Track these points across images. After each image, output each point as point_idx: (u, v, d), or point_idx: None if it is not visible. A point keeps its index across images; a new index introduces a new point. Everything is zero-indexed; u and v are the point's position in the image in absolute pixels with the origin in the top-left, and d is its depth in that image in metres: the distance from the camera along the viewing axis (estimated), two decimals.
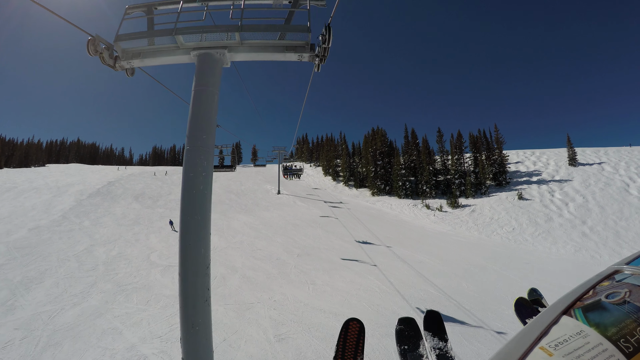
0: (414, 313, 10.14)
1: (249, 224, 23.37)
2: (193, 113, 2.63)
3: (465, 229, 29.31)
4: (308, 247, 17.74)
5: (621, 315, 0.64)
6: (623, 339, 0.58)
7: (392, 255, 18.23)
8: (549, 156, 54.98)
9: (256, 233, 20.51)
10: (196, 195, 2.59)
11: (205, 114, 2.66)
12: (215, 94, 2.71)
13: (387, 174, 40.90)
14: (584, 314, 0.68)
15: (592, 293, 0.75)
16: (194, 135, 2.59)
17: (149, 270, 12.78)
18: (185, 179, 2.66)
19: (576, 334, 0.62)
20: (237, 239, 18.69)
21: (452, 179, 39.13)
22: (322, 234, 21.64)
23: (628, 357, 0.54)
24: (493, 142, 43.35)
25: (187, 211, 2.61)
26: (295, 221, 25.35)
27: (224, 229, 21.24)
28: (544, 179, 44.33)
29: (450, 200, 33.80)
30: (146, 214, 25.91)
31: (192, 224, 2.60)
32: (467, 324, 9.87)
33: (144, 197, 33.17)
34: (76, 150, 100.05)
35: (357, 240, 20.76)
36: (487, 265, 19.09)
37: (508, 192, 38.84)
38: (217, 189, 40.35)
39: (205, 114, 2.66)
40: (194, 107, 2.63)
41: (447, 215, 32.05)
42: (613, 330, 0.60)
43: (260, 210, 29.74)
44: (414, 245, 22.26)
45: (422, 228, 28.17)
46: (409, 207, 33.91)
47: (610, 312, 0.66)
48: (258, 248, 16.75)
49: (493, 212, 32.82)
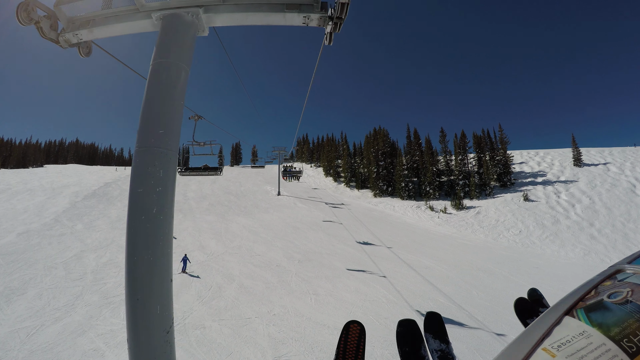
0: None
1: (248, 227, 22.57)
2: (148, 98, 1.80)
3: (471, 232, 28.51)
4: (309, 252, 16.93)
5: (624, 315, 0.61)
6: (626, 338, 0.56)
7: (398, 260, 17.42)
8: (553, 156, 54.26)
9: (255, 237, 19.71)
10: (147, 223, 1.72)
11: (167, 99, 1.80)
12: (183, 71, 1.86)
13: (389, 174, 40.04)
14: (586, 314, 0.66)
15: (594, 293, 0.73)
16: (148, 130, 1.75)
17: None
18: (132, 197, 1.77)
19: (579, 335, 0.60)
20: (236, 243, 17.88)
21: (456, 180, 38.29)
22: (323, 237, 20.84)
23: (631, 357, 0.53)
24: (497, 142, 42.54)
25: (134, 250, 1.72)
26: (295, 224, 24.55)
27: (222, 233, 20.44)
28: (549, 179, 43.60)
29: (455, 201, 32.99)
30: None
31: (142, 269, 1.71)
32: (481, 337, 9.07)
33: None
34: (75, 150, 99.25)
35: (360, 244, 19.96)
36: (495, 271, 18.31)
37: (513, 194, 38.04)
38: (216, 190, 39.57)
39: (167, 99, 1.80)
40: (150, 88, 1.81)
41: (452, 217, 31.24)
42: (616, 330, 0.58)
43: (260, 212, 28.94)
44: (419, 249, 21.46)
45: (426, 231, 27.37)
46: (412, 208, 33.09)
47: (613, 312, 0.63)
48: (257, 253, 15.94)
49: (499, 214, 32.01)
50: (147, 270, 1.72)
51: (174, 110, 1.83)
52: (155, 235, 1.75)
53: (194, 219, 25.04)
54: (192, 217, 25.50)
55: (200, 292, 10.86)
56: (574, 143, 50.90)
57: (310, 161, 77.17)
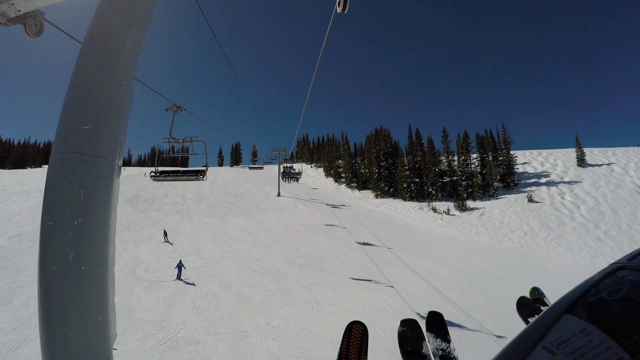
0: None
1: (247, 230, 22.01)
2: (76, 77, 1.22)
3: (475, 234, 27.94)
4: (310, 257, 16.37)
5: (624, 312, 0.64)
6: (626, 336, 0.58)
7: (402, 264, 16.86)
8: (556, 157, 53.73)
9: (254, 240, 19.15)
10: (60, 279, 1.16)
11: (103, 78, 1.21)
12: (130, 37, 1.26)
13: (391, 175, 39.40)
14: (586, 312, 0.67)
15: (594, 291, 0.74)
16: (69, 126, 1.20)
17: (131, 287, 11.40)
18: (43, 235, 1.26)
19: (579, 333, 0.62)
20: (234, 247, 17.32)
21: (459, 181, 37.71)
22: (325, 240, 20.27)
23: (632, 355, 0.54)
24: (500, 142, 41.94)
25: (47, 318, 1.13)
26: (295, 226, 23.99)
27: (220, 236, 19.87)
28: (553, 180, 43.06)
29: (458, 202, 32.41)
30: (138, 218, 24.54)
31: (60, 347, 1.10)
32: (492, 348, 8.51)
33: (138, 200, 31.80)
34: None
35: (362, 246, 19.38)
36: (502, 275, 17.76)
37: (517, 195, 37.47)
38: (215, 191, 39.02)
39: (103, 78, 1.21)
40: (81, 63, 1.23)
41: (455, 218, 30.66)
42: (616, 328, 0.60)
43: (260, 213, 28.37)
44: (423, 252, 20.90)
45: (429, 233, 26.80)
46: (414, 210, 32.50)
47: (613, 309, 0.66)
48: (256, 258, 15.37)
49: (503, 215, 31.44)
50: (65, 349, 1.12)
51: (114, 95, 1.23)
52: (74, 299, 1.15)
53: (192, 221, 24.48)
54: (190, 219, 24.94)
55: (195, 302, 10.29)
56: (578, 143, 50.33)
57: (310, 161, 76.60)
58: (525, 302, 1.67)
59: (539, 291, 1.84)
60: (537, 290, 1.85)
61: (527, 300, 1.69)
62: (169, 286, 11.48)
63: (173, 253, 15.80)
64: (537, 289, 1.86)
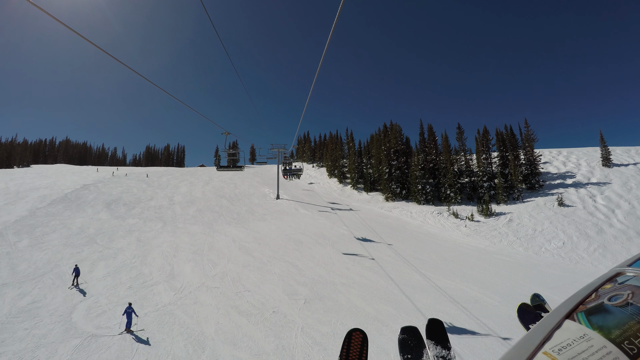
0: None
1: (239, 242, 18.10)
2: None
3: (507, 244, 24.03)
4: (319, 283, 12.46)
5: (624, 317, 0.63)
6: (627, 341, 0.57)
7: (436, 291, 12.96)
8: (578, 156, 49.98)
9: (246, 257, 15.24)
10: None
11: None
12: None
13: (403, 175, 35.40)
14: (587, 318, 0.67)
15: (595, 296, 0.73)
16: None
17: (55, 346, 7.48)
18: None
19: (580, 338, 0.61)
20: (219, 268, 13.40)
21: (479, 182, 33.74)
22: (334, 256, 16.37)
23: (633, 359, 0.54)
24: (524, 140, 37.97)
25: None
26: (297, 236, 20.08)
27: (204, 251, 15.96)
28: (580, 181, 39.20)
29: (481, 207, 28.51)
30: (111, 227, 20.64)
31: None
32: None
33: (118, 204, 27.91)
34: (64, 150, 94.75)
35: (380, 265, 15.48)
36: (557, 300, 13.76)
37: (544, 197, 33.57)
38: (208, 193, 35.13)
39: None
40: None
41: (481, 225, 26.75)
42: (617, 333, 0.59)
43: (255, 220, 24.47)
44: (454, 269, 17.00)
45: (455, 243, 22.89)
46: (432, 215, 28.59)
47: (614, 314, 0.65)
48: (246, 287, 11.46)
49: (534, 222, 27.53)
50: None
51: None
52: None
53: (175, 229, 20.57)
54: (172, 228, 21.03)
55: None
56: (603, 141, 46.59)
57: (312, 161, 72.61)
58: (526, 308, 1.63)
59: (540, 297, 1.81)
60: (538, 296, 1.82)
61: (528, 307, 1.65)
62: (110, 345, 7.57)
63: (136, 280, 11.89)
64: (537, 296, 1.83)
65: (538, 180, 35.94)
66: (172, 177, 49.59)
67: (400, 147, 37.67)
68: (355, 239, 20.35)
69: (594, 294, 0.74)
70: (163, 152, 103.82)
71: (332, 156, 48.63)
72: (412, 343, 1.15)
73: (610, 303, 0.68)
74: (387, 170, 36.13)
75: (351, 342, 1.05)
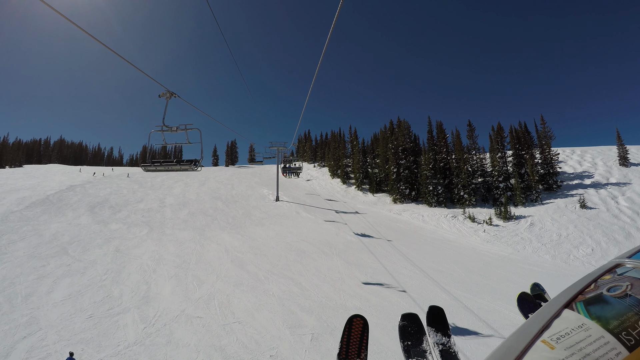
0: None
1: (233, 251, 15.76)
2: None
3: (531, 251, 21.68)
4: (327, 307, 10.12)
5: (623, 308, 0.63)
6: (625, 331, 0.58)
7: (468, 313, 10.62)
8: (592, 155, 47.66)
9: (239, 272, 12.89)
10: None
11: None
12: None
13: (412, 175, 33.01)
14: (585, 308, 0.67)
15: (594, 287, 0.74)
16: None
17: None
18: None
19: (578, 327, 0.62)
20: (205, 288, 11.05)
21: (494, 182, 31.39)
22: (343, 269, 14.03)
23: (630, 350, 0.55)
24: (539, 137, 35.62)
25: None
26: (299, 244, 17.74)
27: (190, 264, 13.60)
28: (598, 181, 36.86)
29: (499, 209, 26.18)
30: (89, 234, 18.31)
31: None
32: None
33: (103, 207, 25.57)
34: (59, 150, 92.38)
35: (398, 281, 13.13)
36: None
37: (564, 199, 31.22)
38: (202, 195, 32.78)
39: None
40: None
41: (500, 230, 24.41)
42: (615, 324, 0.60)
43: (252, 225, 22.13)
44: (482, 283, 14.65)
45: (474, 250, 20.54)
46: (446, 219, 26.26)
47: (612, 305, 0.65)
48: (236, 317, 9.11)
49: (558, 226, 25.19)
50: None
51: None
52: None
53: (161, 237, 18.24)
54: (159, 235, 18.69)
55: None
56: (619, 140, 44.27)
57: (313, 160, 70.25)
58: (525, 297, 1.62)
59: (540, 287, 1.80)
60: (538, 286, 1.81)
61: (528, 296, 1.64)
62: None
63: (101, 305, 9.56)
64: (537, 285, 1.81)
65: (556, 181, 33.60)
66: (167, 177, 47.23)
67: (408, 145, 35.30)
68: (365, 247, 18.00)
69: (593, 285, 0.73)
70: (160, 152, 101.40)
71: (335, 155, 46.24)
72: (412, 330, 1.12)
73: (609, 294, 0.67)
74: (394, 170, 33.74)
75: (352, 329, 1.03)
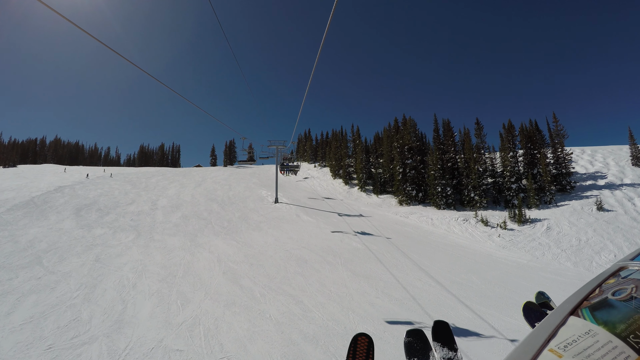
0: None
1: (225, 261, 14.14)
2: None
3: (551, 258, 20.07)
4: (335, 334, 8.49)
5: (629, 311, 0.62)
6: (632, 334, 0.57)
7: (497, 336, 8.96)
8: (603, 154, 46.21)
9: (232, 288, 11.28)
10: None
11: None
12: None
13: (419, 176, 31.34)
14: (591, 313, 0.66)
15: (599, 291, 0.73)
16: None
17: None
18: None
19: (585, 334, 0.61)
20: (190, 310, 9.42)
21: (506, 183, 29.79)
22: (350, 282, 12.41)
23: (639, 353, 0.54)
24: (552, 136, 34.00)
25: None
26: (301, 251, 16.13)
27: (177, 277, 11.98)
28: (612, 182, 35.34)
29: (513, 212, 24.59)
30: (71, 239, 16.70)
31: None
32: None
33: (90, 210, 23.95)
34: (54, 149, 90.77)
35: (412, 297, 11.51)
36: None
37: (579, 201, 29.64)
38: (198, 196, 31.18)
39: None
40: None
41: (516, 235, 22.80)
42: (622, 327, 0.59)
43: (249, 229, 20.52)
44: (504, 296, 13.00)
45: (489, 257, 18.92)
46: (457, 222, 24.66)
47: (618, 309, 0.64)
48: (225, 351, 7.48)
49: (576, 230, 23.59)
50: None
51: None
52: None
53: (149, 243, 16.63)
54: (146, 241, 17.07)
55: None
56: (632, 139, 42.88)
57: (313, 160, 68.59)
58: (531, 306, 1.60)
59: (545, 295, 1.76)
60: (543, 294, 1.78)
61: (534, 305, 1.61)
62: None
63: (65, 332, 7.94)
64: (542, 293, 1.78)
65: (569, 181, 32.01)
66: (162, 177, 45.69)
67: (415, 144, 33.64)
68: (373, 255, 16.38)
69: (597, 289, 0.72)
70: (157, 152, 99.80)
71: (337, 155, 44.57)
72: (418, 346, 1.11)
73: (614, 298, 0.67)
74: (400, 170, 32.09)
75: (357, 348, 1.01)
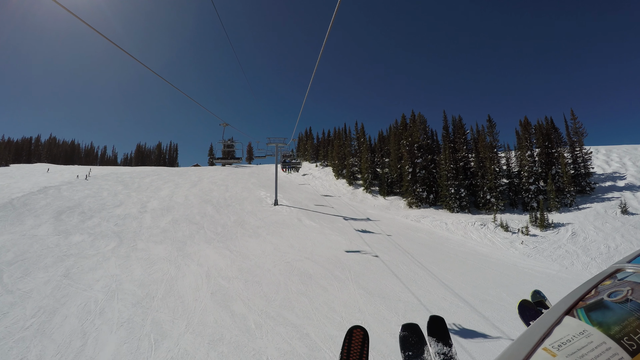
0: None
1: (216, 277, 12.08)
2: None
3: (581, 267, 18.01)
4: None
5: (624, 313, 0.63)
6: (626, 337, 0.58)
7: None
8: (619, 154, 44.10)
9: (220, 315, 9.23)
10: None
11: None
12: None
13: (430, 176, 29.31)
14: (586, 314, 0.67)
15: (594, 292, 0.74)
16: None
17: None
18: None
19: (579, 334, 0.62)
20: (164, 349, 7.37)
21: (523, 185, 27.76)
22: (364, 304, 10.36)
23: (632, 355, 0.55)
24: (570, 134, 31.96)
25: None
26: (303, 264, 14.07)
27: (155, 300, 9.93)
28: (632, 183, 33.26)
29: (534, 216, 22.58)
30: (43, 248, 14.64)
31: None
32: None
33: (73, 213, 21.90)
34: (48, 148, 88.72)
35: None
36: None
37: (601, 203, 27.58)
38: (192, 197, 29.11)
39: None
40: None
41: (540, 241, 20.76)
42: (616, 329, 0.60)
43: (245, 235, 18.47)
44: None
45: (515, 268, 16.87)
46: (474, 227, 22.63)
47: (613, 310, 0.65)
48: None
49: (604, 235, 21.53)
50: None
51: None
52: None
53: (130, 253, 14.57)
54: (127, 250, 15.02)
55: None
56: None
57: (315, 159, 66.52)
58: (527, 305, 1.60)
59: (541, 294, 1.78)
60: (539, 293, 1.79)
61: (529, 303, 1.62)
62: None
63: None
64: (538, 292, 1.79)
65: (589, 182, 29.96)
66: (157, 177, 43.61)
67: (425, 142, 31.59)
68: (387, 267, 14.32)
69: (593, 290, 0.73)
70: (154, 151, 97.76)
71: (340, 153, 42.50)
72: (413, 340, 1.12)
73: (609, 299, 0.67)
74: (410, 170, 30.04)
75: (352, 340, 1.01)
